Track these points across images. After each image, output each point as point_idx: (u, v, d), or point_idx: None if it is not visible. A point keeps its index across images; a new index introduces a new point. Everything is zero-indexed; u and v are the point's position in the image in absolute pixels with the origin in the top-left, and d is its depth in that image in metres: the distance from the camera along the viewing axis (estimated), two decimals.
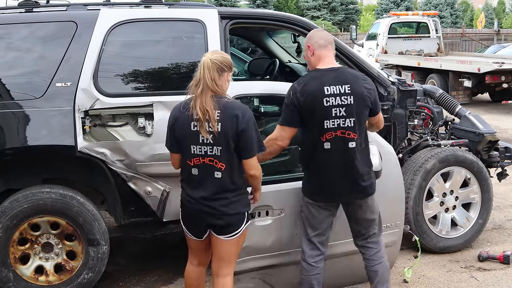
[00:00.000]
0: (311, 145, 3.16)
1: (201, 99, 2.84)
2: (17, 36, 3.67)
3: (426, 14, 17.12)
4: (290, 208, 3.46)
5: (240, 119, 2.84)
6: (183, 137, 2.93)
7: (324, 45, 3.21)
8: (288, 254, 3.55)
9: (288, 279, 3.61)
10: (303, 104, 3.09)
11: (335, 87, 3.09)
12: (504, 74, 11.93)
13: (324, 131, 3.10)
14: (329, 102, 3.08)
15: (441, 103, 5.00)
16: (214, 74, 2.86)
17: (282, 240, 3.49)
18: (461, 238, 4.57)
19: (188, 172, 2.96)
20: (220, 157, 2.87)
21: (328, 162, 3.15)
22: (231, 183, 2.91)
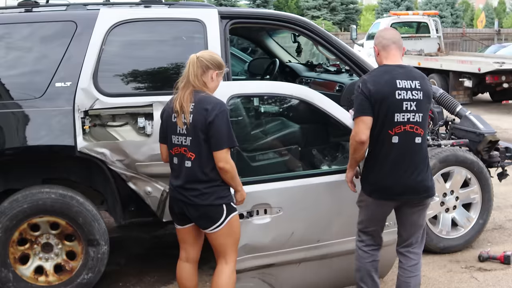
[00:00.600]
0: (378, 138, 3.13)
1: (182, 92, 3.04)
2: (16, 36, 3.66)
3: (426, 14, 17.13)
4: (289, 206, 3.46)
5: (209, 112, 2.95)
6: (167, 128, 3.13)
7: (387, 44, 3.24)
8: (287, 253, 3.54)
9: (288, 279, 3.61)
10: (374, 94, 3.08)
11: (406, 82, 3.13)
12: (505, 74, 11.92)
13: (394, 124, 3.09)
14: (401, 95, 3.10)
15: (441, 103, 4.99)
16: (198, 70, 3.02)
17: (281, 239, 3.48)
18: (462, 238, 4.56)
19: (171, 161, 3.16)
20: (190, 147, 3.01)
21: (394, 156, 3.13)
22: (201, 173, 3.01)
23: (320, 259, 3.64)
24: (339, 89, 4.83)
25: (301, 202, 3.51)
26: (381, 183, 3.18)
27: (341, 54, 4.19)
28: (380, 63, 3.27)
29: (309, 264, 3.63)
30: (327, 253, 3.62)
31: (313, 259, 3.61)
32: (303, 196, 3.52)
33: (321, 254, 3.62)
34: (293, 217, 3.48)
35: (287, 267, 3.55)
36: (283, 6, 34.79)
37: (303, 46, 6.06)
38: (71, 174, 3.86)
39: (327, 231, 3.60)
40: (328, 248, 3.61)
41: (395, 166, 3.14)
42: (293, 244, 3.52)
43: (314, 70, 5.71)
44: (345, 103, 4.57)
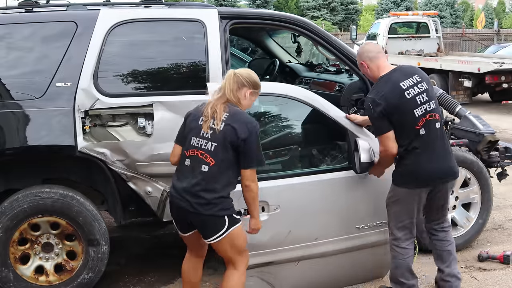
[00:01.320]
0: (408, 136, 3.34)
1: (217, 101, 3.06)
2: (17, 36, 3.66)
3: (426, 14, 17.13)
4: (286, 204, 3.46)
5: (243, 128, 2.98)
6: (189, 129, 3.12)
7: (374, 56, 3.45)
8: (286, 251, 3.55)
9: (287, 278, 3.61)
10: (388, 108, 3.29)
11: (408, 80, 3.36)
12: (504, 74, 11.92)
13: (417, 119, 3.33)
14: (410, 93, 3.33)
15: (441, 103, 4.99)
16: (234, 85, 3.06)
17: (279, 237, 3.49)
18: (461, 238, 4.56)
19: (182, 163, 3.11)
20: (212, 152, 2.99)
21: (426, 147, 3.35)
22: (215, 182, 2.99)
23: (319, 257, 3.65)
24: (339, 89, 4.83)
25: (298, 200, 3.52)
26: (421, 172, 3.39)
27: (340, 54, 4.20)
28: (374, 76, 3.46)
29: (308, 262, 3.64)
30: (326, 251, 3.63)
31: (312, 257, 3.62)
32: (300, 194, 3.54)
33: (319, 252, 3.63)
34: (291, 215, 3.49)
35: (285, 265, 3.55)
36: (283, 6, 34.81)
37: (303, 46, 6.07)
38: (72, 174, 3.87)
39: (325, 229, 3.62)
40: (326, 246, 3.63)
41: (429, 154, 3.37)
42: (291, 242, 3.52)
43: (314, 70, 5.72)
44: (345, 103, 4.58)
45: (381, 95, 3.31)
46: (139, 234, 5.07)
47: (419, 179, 3.41)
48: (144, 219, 4.14)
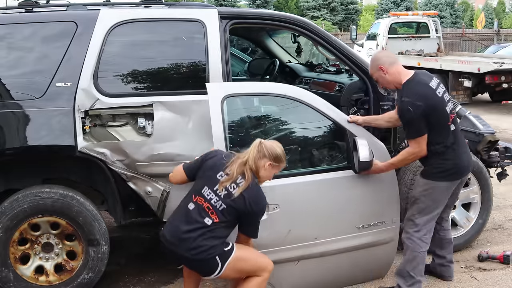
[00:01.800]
0: (442, 133, 3.54)
1: (241, 166, 3.11)
2: (17, 36, 3.67)
3: (426, 14, 17.12)
4: (285, 203, 3.46)
5: (255, 205, 3.09)
6: (204, 176, 3.17)
7: (393, 61, 3.60)
8: (285, 251, 3.54)
9: (287, 278, 3.61)
10: (426, 108, 3.43)
11: (433, 81, 3.57)
12: (504, 74, 11.92)
13: (448, 116, 3.55)
14: (440, 92, 3.55)
15: None
16: (256, 154, 3.14)
17: (278, 236, 3.49)
18: (461, 238, 4.56)
19: (184, 204, 3.17)
20: (219, 211, 3.07)
21: (458, 141, 3.61)
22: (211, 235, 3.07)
23: (318, 257, 3.64)
24: (339, 89, 4.83)
25: (298, 200, 3.52)
26: (461, 164, 3.64)
27: (340, 54, 4.20)
28: (395, 81, 3.59)
29: (308, 262, 3.63)
30: (325, 250, 3.63)
31: (311, 256, 3.62)
32: (300, 193, 3.54)
33: (319, 252, 3.62)
34: (290, 215, 3.49)
35: (285, 265, 3.55)
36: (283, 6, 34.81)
37: (303, 46, 6.07)
38: (72, 174, 3.87)
39: (324, 228, 3.62)
40: (326, 245, 3.62)
41: (462, 147, 3.66)
42: (291, 241, 3.52)
43: (314, 70, 5.72)
44: (345, 103, 4.58)
45: (418, 96, 3.43)
46: (139, 234, 5.07)
47: (460, 171, 3.65)
48: (144, 219, 4.14)
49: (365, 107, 4.44)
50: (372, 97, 4.29)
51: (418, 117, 3.43)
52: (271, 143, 3.19)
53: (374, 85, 4.26)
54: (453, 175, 3.63)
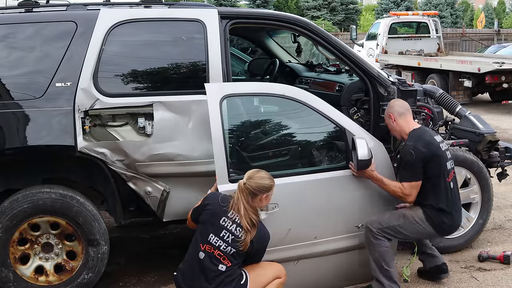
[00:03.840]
0: (439, 189, 3.62)
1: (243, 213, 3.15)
2: (17, 36, 3.66)
3: (426, 14, 17.11)
4: (285, 202, 3.47)
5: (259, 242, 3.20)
6: (208, 222, 3.20)
7: (403, 113, 3.73)
8: (285, 250, 3.54)
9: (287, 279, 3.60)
10: (428, 155, 3.56)
11: (438, 136, 3.74)
12: (504, 74, 11.92)
13: (448, 171, 3.66)
14: (443, 147, 3.68)
15: (441, 103, 4.99)
16: (248, 197, 3.17)
17: (278, 235, 3.48)
18: (461, 238, 4.56)
19: (194, 254, 3.19)
20: (230, 255, 3.13)
21: (455, 200, 3.70)
22: (228, 279, 3.13)
23: (318, 257, 3.65)
24: (339, 89, 4.82)
25: (297, 199, 3.53)
26: (453, 225, 3.73)
27: (341, 54, 4.20)
28: (401, 130, 3.73)
29: (308, 262, 3.63)
30: (325, 250, 3.63)
31: (311, 256, 3.62)
32: (299, 192, 3.54)
33: (319, 251, 3.63)
34: (290, 213, 3.49)
35: (285, 265, 3.55)
36: (283, 6, 34.79)
37: (303, 46, 6.06)
38: (71, 174, 3.87)
39: (324, 228, 3.62)
40: (326, 245, 3.63)
41: (458, 206, 3.73)
42: (291, 240, 3.53)
43: (314, 70, 5.71)
44: (345, 103, 4.58)
45: (422, 143, 3.58)
46: (139, 234, 5.07)
47: (452, 230, 3.81)
48: (144, 219, 4.13)
49: (365, 107, 4.44)
50: (372, 97, 4.28)
51: (417, 162, 3.54)
52: (254, 180, 3.18)
53: (374, 85, 4.26)
54: (445, 231, 3.76)
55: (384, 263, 3.61)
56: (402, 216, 3.66)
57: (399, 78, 4.70)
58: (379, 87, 4.25)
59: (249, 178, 3.18)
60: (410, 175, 3.58)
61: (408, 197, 3.61)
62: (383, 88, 4.28)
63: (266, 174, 3.25)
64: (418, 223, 3.64)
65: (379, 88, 4.25)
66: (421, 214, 3.65)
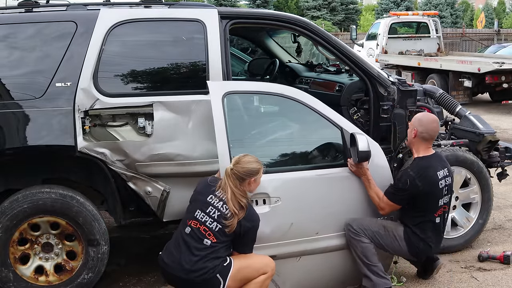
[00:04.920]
0: (424, 220, 3.67)
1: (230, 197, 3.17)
2: (17, 36, 3.66)
3: (426, 14, 17.12)
4: (287, 196, 3.49)
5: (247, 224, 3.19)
6: (196, 201, 3.28)
7: (428, 138, 3.71)
8: (287, 245, 3.55)
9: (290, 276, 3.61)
10: (422, 189, 3.59)
11: (442, 171, 3.69)
12: (504, 74, 11.92)
13: (438, 208, 3.68)
14: (442, 184, 3.67)
15: (441, 103, 5.00)
16: (235, 182, 3.19)
17: (281, 229, 3.50)
18: (461, 238, 4.56)
19: (181, 229, 3.24)
20: (215, 232, 3.15)
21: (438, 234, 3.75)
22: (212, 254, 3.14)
23: (320, 253, 3.66)
24: (339, 89, 4.83)
25: (300, 194, 3.55)
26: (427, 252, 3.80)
27: (341, 54, 4.20)
28: (416, 151, 3.75)
29: (310, 258, 3.64)
30: (327, 246, 3.65)
31: (313, 252, 3.63)
32: (300, 187, 3.56)
33: (321, 247, 3.64)
34: (292, 208, 3.51)
35: (288, 261, 3.56)
36: (283, 6, 34.80)
37: (303, 46, 6.06)
38: (71, 174, 3.87)
39: (326, 223, 3.64)
40: (327, 241, 3.64)
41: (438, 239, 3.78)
42: (293, 235, 3.53)
43: (314, 70, 5.71)
44: (345, 103, 4.58)
45: (421, 178, 3.59)
46: (139, 234, 5.07)
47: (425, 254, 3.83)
48: (144, 219, 4.13)
49: (365, 107, 4.44)
50: (372, 97, 4.28)
51: (408, 192, 3.59)
52: (240, 164, 3.21)
53: (374, 85, 4.26)
54: (417, 254, 3.77)
55: (367, 259, 3.65)
56: (383, 227, 3.71)
57: (399, 78, 4.70)
58: (379, 87, 4.25)
59: (236, 163, 3.21)
60: (393, 196, 3.64)
61: (381, 210, 3.69)
62: (383, 88, 4.28)
63: (253, 158, 3.26)
64: (396, 239, 3.69)
65: (379, 88, 4.25)
66: (401, 232, 3.69)
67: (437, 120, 3.82)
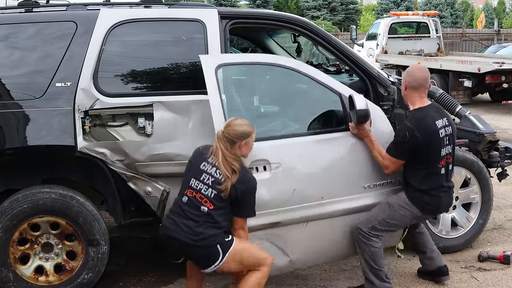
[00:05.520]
0: (428, 172, 3.62)
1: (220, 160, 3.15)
2: (17, 36, 3.66)
3: (426, 14, 17.12)
4: (287, 162, 3.50)
5: (243, 186, 3.14)
6: (189, 171, 3.27)
7: (417, 86, 3.66)
8: (292, 211, 3.54)
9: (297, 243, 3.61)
10: (422, 141, 3.53)
11: (441, 120, 3.63)
12: (504, 74, 11.91)
13: (441, 158, 3.61)
14: (442, 133, 3.60)
15: (441, 103, 4.99)
16: (226, 145, 3.17)
17: (283, 195, 3.50)
18: (461, 238, 4.56)
19: (179, 198, 3.24)
20: (211, 198, 3.13)
21: (443, 185, 3.67)
22: (210, 221, 3.13)
23: (327, 219, 3.65)
24: None
25: (299, 159, 3.55)
26: (438, 206, 3.72)
27: (340, 54, 4.20)
28: (412, 103, 3.71)
29: (317, 224, 3.64)
30: (333, 211, 3.64)
31: (320, 217, 3.62)
32: (301, 153, 3.56)
33: (327, 212, 3.63)
34: (293, 174, 3.51)
35: (294, 228, 3.55)
36: (283, 6, 34.82)
37: (303, 46, 6.06)
38: (71, 174, 3.87)
39: (330, 188, 3.64)
40: (333, 206, 3.64)
41: (446, 187, 3.69)
42: (297, 201, 3.54)
43: None
44: None
45: (420, 129, 3.53)
46: (139, 234, 5.07)
47: (436, 211, 3.85)
48: (144, 219, 4.13)
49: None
50: (372, 97, 4.28)
51: (408, 145, 3.54)
52: (231, 127, 3.18)
53: (374, 85, 4.26)
54: (428, 211, 3.73)
55: (374, 263, 3.64)
56: (388, 206, 3.68)
57: (399, 78, 4.70)
58: (379, 87, 4.25)
59: (226, 126, 3.20)
60: (394, 152, 3.59)
61: (386, 169, 3.64)
62: (383, 88, 4.28)
63: (244, 121, 3.25)
64: (404, 207, 3.65)
65: (379, 88, 4.25)
66: (404, 198, 3.67)
67: (424, 68, 3.80)
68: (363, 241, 3.63)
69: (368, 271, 3.67)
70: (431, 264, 4.00)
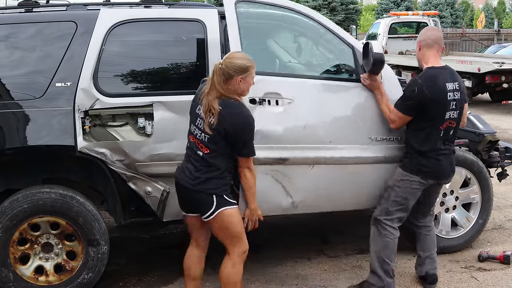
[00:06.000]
0: (431, 132, 3.60)
1: (208, 96, 3.07)
2: (17, 36, 3.66)
3: (426, 14, 17.14)
4: (300, 99, 3.61)
5: (235, 124, 3.05)
6: (190, 115, 3.25)
7: (431, 44, 3.66)
8: (300, 149, 3.63)
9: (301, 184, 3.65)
10: (429, 98, 3.51)
11: (452, 84, 3.59)
12: (504, 74, 11.92)
13: (444, 121, 3.59)
14: (450, 96, 3.57)
15: None
16: (219, 79, 3.04)
17: (294, 131, 3.59)
18: (461, 238, 4.56)
19: (187, 145, 3.27)
20: (205, 142, 3.11)
21: (440, 147, 3.62)
22: (207, 165, 3.11)
23: (333, 164, 3.73)
24: None
25: (311, 98, 3.66)
26: (436, 169, 3.66)
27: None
28: (425, 62, 3.68)
29: (323, 168, 3.70)
30: (340, 157, 3.71)
31: (326, 162, 3.70)
32: (312, 93, 3.68)
33: (333, 157, 3.71)
34: (304, 110, 3.65)
35: (300, 168, 3.60)
36: None
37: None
38: (71, 174, 3.87)
39: (338, 132, 3.73)
40: (339, 151, 3.73)
41: (445, 156, 3.66)
42: (306, 140, 3.62)
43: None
44: None
45: (429, 86, 3.52)
46: (139, 234, 5.07)
47: (435, 175, 3.70)
48: (144, 219, 4.14)
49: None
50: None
51: (415, 101, 3.54)
52: (229, 60, 3.06)
53: None
54: (427, 174, 3.67)
55: (385, 256, 3.65)
56: (390, 188, 3.71)
57: (399, 78, 4.69)
58: None
59: (225, 58, 3.09)
60: (402, 107, 3.63)
61: (392, 123, 3.70)
62: None
63: (244, 55, 3.14)
64: (403, 179, 3.66)
65: None
66: (400, 171, 3.70)
67: (436, 28, 3.89)
68: (379, 231, 3.67)
69: (376, 262, 3.68)
70: (421, 270, 3.97)
